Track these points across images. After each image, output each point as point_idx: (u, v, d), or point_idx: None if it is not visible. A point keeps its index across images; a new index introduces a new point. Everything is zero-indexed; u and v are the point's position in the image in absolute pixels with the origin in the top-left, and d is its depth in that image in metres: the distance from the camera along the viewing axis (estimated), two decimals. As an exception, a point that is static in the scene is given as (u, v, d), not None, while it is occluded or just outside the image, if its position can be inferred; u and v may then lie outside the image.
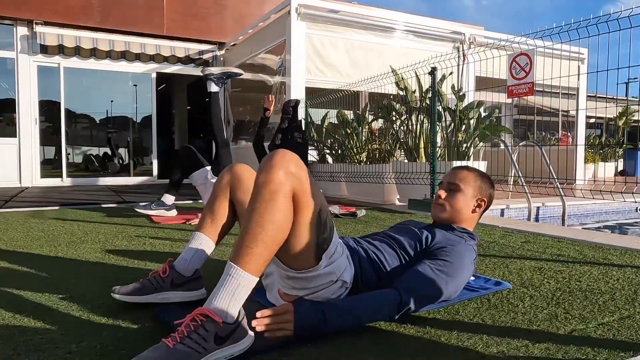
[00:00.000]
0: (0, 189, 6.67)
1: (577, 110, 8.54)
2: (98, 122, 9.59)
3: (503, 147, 4.73)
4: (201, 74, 3.75)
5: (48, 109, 7.94)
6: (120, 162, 9.83)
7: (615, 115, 14.96)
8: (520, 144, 5.74)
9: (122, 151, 9.82)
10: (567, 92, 8.90)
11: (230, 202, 1.57)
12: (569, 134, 9.97)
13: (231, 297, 1.10)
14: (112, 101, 9.20)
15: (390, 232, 1.65)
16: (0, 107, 7.77)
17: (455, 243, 1.53)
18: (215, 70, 3.65)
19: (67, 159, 8.15)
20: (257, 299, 1.53)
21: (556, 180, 4.47)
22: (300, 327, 1.19)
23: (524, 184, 4.35)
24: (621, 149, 13.61)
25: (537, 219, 4.62)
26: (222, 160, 3.70)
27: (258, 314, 1.16)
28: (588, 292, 1.66)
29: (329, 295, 1.35)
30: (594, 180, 8.95)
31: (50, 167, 8.11)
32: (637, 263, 2.09)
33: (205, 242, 1.53)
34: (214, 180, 3.65)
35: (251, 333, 1.14)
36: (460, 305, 1.53)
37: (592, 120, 18.03)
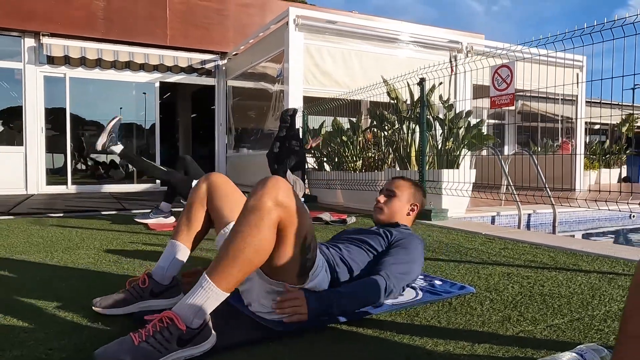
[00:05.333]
0: (6, 196, 6.84)
1: (576, 119, 8.58)
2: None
3: (494, 155, 4.80)
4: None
5: (54, 118, 8.12)
6: (126, 169, 9.99)
7: (618, 122, 14.93)
8: (510, 153, 5.81)
9: (127, 159, 9.97)
10: (570, 98, 8.96)
11: (206, 210, 1.67)
12: (569, 140, 10.00)
13: (199, 306, 1.20)
14: (121, 108, 9.37)
15: (346, 235, 1.83)
16: (8, 116, 7.99)
17: (408, 235, 1.78)
18: (102, 139, 3.57)
19: (73, 166, 8.32)
20: (232, 303, 1.64)
21: (546, 187, 4.53)
22: (313, 311, 1.36)
23: (514, 191, 4.43)
24: (625, 156, 13.57)
25: (528, 226, 4.68)
26: (183, 191, 3.78)
27: (278, 298, 1.36)
28: (547, 297, 1.75)
29: None
30: (599, 190, 8.97)
31: (56, 174, 8.29)
32: (604, 269, 2.17)
33: (181, 250, 1.63)
34: None
35: (214, 334, 1.24)
36: (422, 308, 1.62)
37: (597, 127, 17.99)
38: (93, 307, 1.54)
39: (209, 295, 1.21)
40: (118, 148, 3.58)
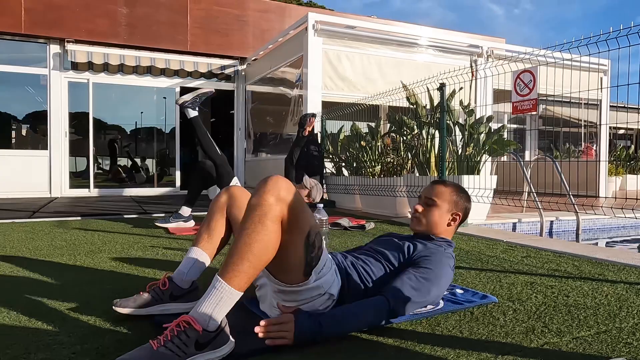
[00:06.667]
0: (31, 199, 7.00)
1: (599, 125, 8.41)
2: (125, 135, 9.95)
3: (515, 161, 4.73)
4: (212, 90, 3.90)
5: (77, 123, 8.29)
6: (147, 173, 10.14)
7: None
8: (532, 159, 5.72)
9: (148, 162, 10.14)
10: (594, 103, 8.79)
11: (227, 219, 1.70)
12: (592, 145, 9.80)
13: (214, 307, 1.21)
14: (142, 112, 9.52)
15: (373, 245, 1.77)
16: (34, 120, 8.19)
17: (435, 252, 1.64)
18: (187, 97, 3.71)
19: (95, 170, 8.48)
20: (250, 308, 1.64)
21: (569, 193, 4.44)
22: (299, 336, 1.30)
23: (536, 198, 4.35)
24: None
25: (550, 234, 4.59)
26: (223, 178, 3.84)
27: (261, 322, 1.28)
28: (573, 307, 1.70)
29: (317, 306, 1.45)
30: (625, 197, 8.76)
31: (79, 178, 8.45)
32: (631, 279, 2.11)
33: (201, 256, 1.64)
34: None
35: (232, 340, 1.24)
36: (443, 317, 1.60)
37: (622, 132, 17.59)
38: (113, 307, 1.56)
39: (222, 295, 1.22)
40: (192, 113, 3.74)
